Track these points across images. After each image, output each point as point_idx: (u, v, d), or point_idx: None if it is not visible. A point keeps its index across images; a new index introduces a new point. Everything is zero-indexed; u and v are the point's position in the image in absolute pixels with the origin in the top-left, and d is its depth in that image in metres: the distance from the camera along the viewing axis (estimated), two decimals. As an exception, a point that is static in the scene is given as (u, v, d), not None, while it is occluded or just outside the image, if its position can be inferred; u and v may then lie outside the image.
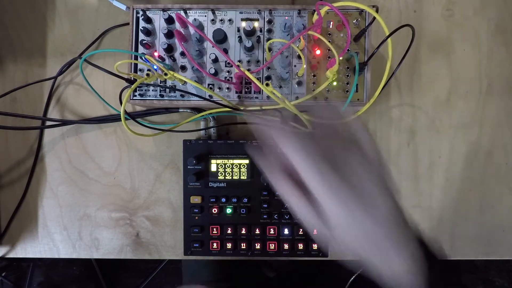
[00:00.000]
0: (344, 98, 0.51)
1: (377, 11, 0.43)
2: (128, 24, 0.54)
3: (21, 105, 0.60)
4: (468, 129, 0.58)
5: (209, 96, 0.52)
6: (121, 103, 0.47)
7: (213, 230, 0.54)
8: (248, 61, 0.52)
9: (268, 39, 0.51)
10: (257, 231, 0.53)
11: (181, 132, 0.57)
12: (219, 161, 0.54)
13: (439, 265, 0.33)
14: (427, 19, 0.59)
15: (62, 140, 0.60)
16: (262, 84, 0.47)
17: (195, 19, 0.51)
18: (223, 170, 0.54)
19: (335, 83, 0.51)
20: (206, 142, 0.54)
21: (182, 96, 0.52)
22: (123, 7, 0.56)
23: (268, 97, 0.51)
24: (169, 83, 0.52)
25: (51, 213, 0.59)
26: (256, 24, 0.51)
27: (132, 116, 0.53)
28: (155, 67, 0.49)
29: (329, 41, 0.48)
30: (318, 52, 0.51)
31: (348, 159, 0.29)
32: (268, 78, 0.52)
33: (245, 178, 0.54)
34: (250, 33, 0.50)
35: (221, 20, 0.52)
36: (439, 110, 0.58)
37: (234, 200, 0.54)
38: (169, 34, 0.51)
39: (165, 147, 0.59)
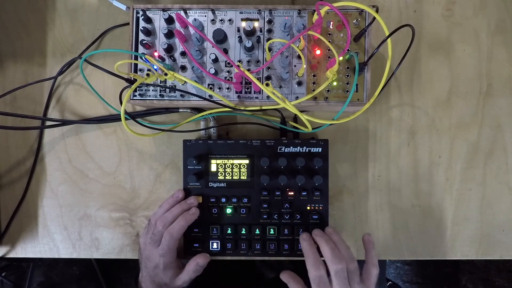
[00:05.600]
0: (344, 98, 0.51)
1: (377, 11, 0.43)
2: (128, 24, 0.54)
3: (21, 105, 0.60)
4: (468, 129, 0.58)
5: (209, 96, 0.52)
6: (121, 103, 0.47)
7: (213, 230, 0.54)
8: (248, 61, 0.52)
9: (268, 39, 0.51)
10: (257, 231, 0.53)
11: (181, 132, 0.57)
12: (219, 161, 0.54)
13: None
14: (427, 19, 0.59)
15: (62, 140, 0.60)
16: (262, 84, 0.47)
17: (195, 19, 0.51)
18: (223, 170, 0.54)
19: (335, 83, 0.51)
20: (206, 142, 0.54)
21: (182, 96, 0.52)
22: (123, 7, 0.56)
23: (268, 97, 0.51)
24: (169, 83, 0.52)
25: (51, 213, 0.60)
26: (256, 24, 0.51)
27: (132, 116, 0.53)
28: (155, 67, 0.49)
29: (329, 41, 0.48)
30: (318, 52, 0.51)
31: None
32: (268, 78, 0.52)
33: (245, 178, 0.54)
34: (250, 33, 0.50)
35: (221, 20, 0.52)
36: (439, 110, 0.58)
37: (234, 200, 0.53)
38: (169, 34, 0.51)
39: (165, 147, 0.59)
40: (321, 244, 0.47)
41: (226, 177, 0.54)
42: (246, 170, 0.54)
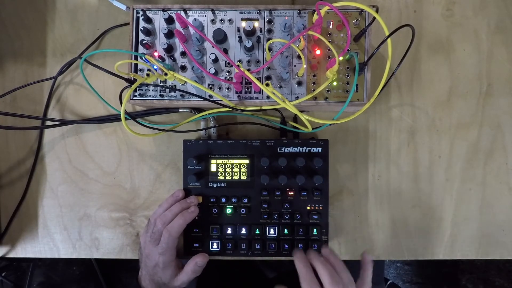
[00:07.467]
0: (344, 98, 0.51)
1: (377, 11, 0.43)
2: (128, 24, 0.54)
3: (21, 105, 0.60)
4: (468, 129, 0.58)
5: (209, 96, 0.52)
6: (121, 103, 0.47)
7: (213, 230, 0.54)
8: (248, 61, 0.52)
9: (268, 39, 0.51)
10: (257, 231, 0.53)
11: (181, 132, 0.57)
12: (219, 161, 0.54)
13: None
14: (427, 19, 0.59)
15: (62, 140, 0.60)
16: (262, 84, 0.47)
17: (195, 19, 0.51)
18: (223, 170, 0.54)
19: (335, 83, 0.51)
20: (206, 142, 0.54)
21: (182, 96, 0.52)
22: (123, 7, 0.56)
23: (268, 97, 0.51)
24: (169, 83, 0.52)
25: (51, 213, 0.60)
26: (256, 24, 0.51)
27: (132, 116, 0.53)
28: (155, 67, 0.49)
29: (329, 41, 0.48)
30: (318, 52, 0.51)
31: None
32: (268, 78, 0.52)
33: (245, 178, 0.54)
34: (250, 33, 0.50)
35: (221, 20, 0.52)
36: (439, 110, 0.58)
37: (234, 200, 0.53)
38: (169, 34, 0.51)
39: (165, 147, 0.59)
40: (318, 267, 0.46)
41: (226, 177, 0.54)
42: (246, 170, 0.54)
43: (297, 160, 0.52)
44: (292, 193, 0.53)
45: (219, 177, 0.54)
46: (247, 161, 0.54)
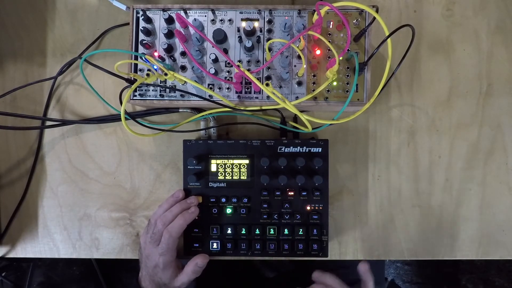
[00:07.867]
0: (344, 98, 0.51)
1: (377, 11, 0.43)
2: (128, 24, 0.54)
3: (21, 105, 0.60)
4: (468, 129, 0.58)
5: (209, 96, 0.52)
6: (121, 103, 0.47)
7: (213, 230, 0.54)
8: (248, 61, 0.52)
9: (268, 39, 0.51)
10: (257, 231, 0.53)
11: (181, 132, 0.57)
12: (219, 161, 0.54)
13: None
14: (427, 19, 0.59)
15: (62, 140, 0.60)
16: (262, 84, 0.47)
17: (195, 19, 0.51)
18: (223, 170, 0.54)
19: (335, 83, 0.51)
20: (206, 142, 0.54)
21: (182, 96, 0.52)
22: (123, 7, 0.56)
23: (268, 97, 0.51)
24: (169, 83, 0.52)
25: (51, 213, 0.60)
26: (256, 24, 0.51)
27: (132, 116, 0.53)
28: (155, 67, 0.49)
29: (329, 41, 0.48)
30: (318, 52, 0.51)
31: None
32: (268, 78, 0.52)
33: (245, 178, 0.54)
34: (250, 33, 0.50)
35: (221, 20, 0.52)
36: (439, 110, 0.58)
37: (234, 200, 0.53)
38: (169, 34, 0.51)
39: (165, 147, 0.59)
40: None
41: (226, 177, 0.54)
42: (246, 170, 0.54)
43: (297, 160, 0.52)
44: (292, 193, 0.53)
45: (219, 177, 0.54)
46: (247, 161, 0.54)
